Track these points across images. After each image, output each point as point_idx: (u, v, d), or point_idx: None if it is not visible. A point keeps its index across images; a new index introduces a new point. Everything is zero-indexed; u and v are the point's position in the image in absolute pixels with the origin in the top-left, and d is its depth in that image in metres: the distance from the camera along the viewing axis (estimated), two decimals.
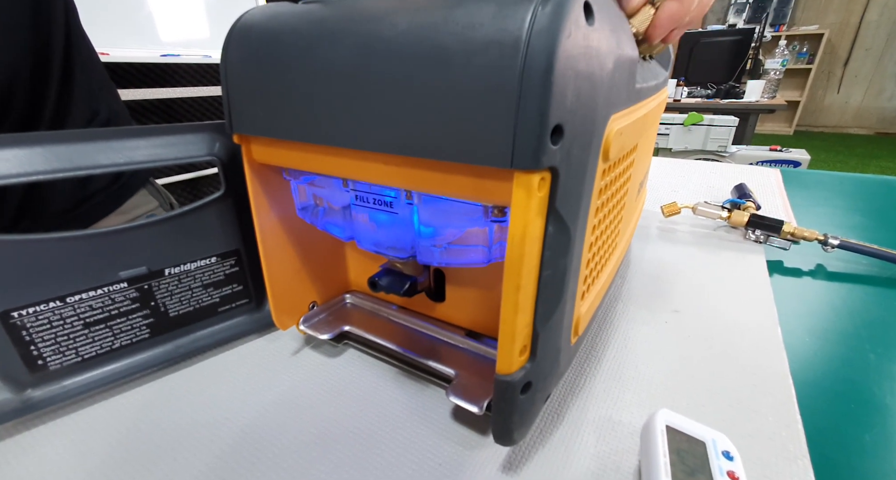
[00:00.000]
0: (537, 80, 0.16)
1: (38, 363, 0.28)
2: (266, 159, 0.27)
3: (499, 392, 0.22)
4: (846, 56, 4.15)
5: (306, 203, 0.31)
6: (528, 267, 0.19)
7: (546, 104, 0.16)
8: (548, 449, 0.25)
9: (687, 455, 0.21)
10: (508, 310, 0.20)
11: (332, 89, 0.21)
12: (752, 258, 0.47)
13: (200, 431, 0.27)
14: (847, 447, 0.26)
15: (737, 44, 2.66)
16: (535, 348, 0.22)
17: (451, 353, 0.31)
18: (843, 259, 0.48)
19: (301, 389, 0.30)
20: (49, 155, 0.26)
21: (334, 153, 0.23)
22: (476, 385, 0.28)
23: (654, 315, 0.38)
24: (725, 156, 2.18)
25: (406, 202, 0.26)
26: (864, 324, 0.37)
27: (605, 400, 0.29)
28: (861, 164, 3.26)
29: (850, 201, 0.66)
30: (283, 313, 0.33)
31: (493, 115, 0.17)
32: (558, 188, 0.18)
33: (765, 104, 2.46)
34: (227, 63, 0.25)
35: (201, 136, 0.31)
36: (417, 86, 0.19)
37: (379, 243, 0.29)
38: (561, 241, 0.20)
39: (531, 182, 0.17)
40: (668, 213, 0.54)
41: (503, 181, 0.19)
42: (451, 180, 0.20)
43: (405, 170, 0.21)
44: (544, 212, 0.19)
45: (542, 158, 0.17)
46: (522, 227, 0.18)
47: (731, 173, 0.76)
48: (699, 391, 0.29)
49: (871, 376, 0.32)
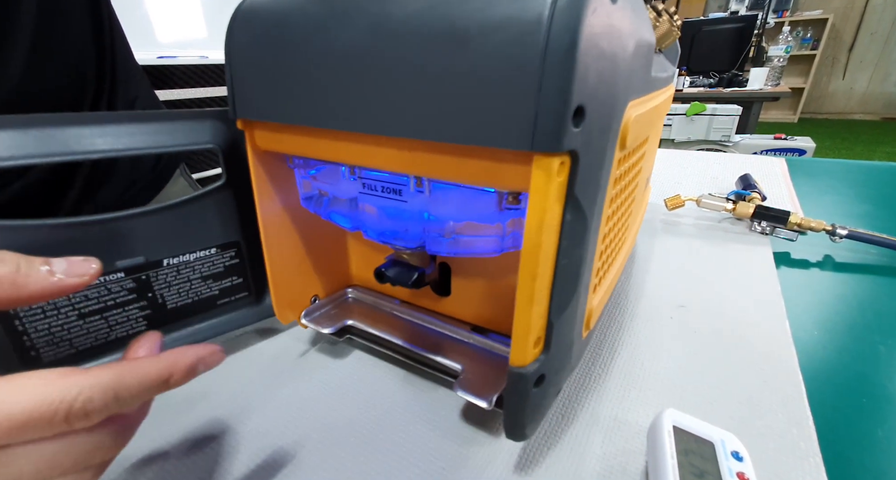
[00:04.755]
0: (561, 57, 0.15)
1: (30, 354, 0.27)
2: (270, 146, 0.26)
3: (512, 384, 0.21)
4: (851, 41, 4.10)
5: (311, 192, 0.30)
6: (545, 255, 0.18)
7: (569, 83, 0.16)
8: (552, 450, 0.25)
9: (695, 457, 0.20)
10: (524, 300, 0.19)
11: (343, 72, 0.20)
12: (759, 250, 0.47)
13: (198, 432, 0.27)
14: (859, 443, 0.26)
15: (739, 31, 2.62)
16: (550, 340, 0.21)
17: (458, 348, 0.31)
18: (851, 249, 0.47)
19: (303, 391, 0.30)
20: (43, 138, 0.25)
21: (343, 138, 0.23)
22: (484, 380, 0.27)
23: (659, 310, 0.37)
24: (729, 146, 2.16)
25: (416, 190, 0.25)
26: (875, 316, 0.37)
27: (611, 399, 0.28)
28: (867, 151, 3.23)
29: (857, 189, 0.65)
30: (285, 306, 0.32)
31: (512, 95, 0.17)
32: (578, 173, 0.18)
33: (768, 92, 2.43)
34: (232, 46, 0.24)
35: (202, 124, 0.30)
36: (432, 66, 0.18)
37: (386, 233, 0.28)
38: (578, 229, 0.19)
39: (551, 165, 0.17)
40: (671, 206, 0.54)
41: (521, 165, 0.18)
42: (466, 165, 0.20)
43: (418, 155, 0.21)
44: (563, 199, 0.18)
45: (564, 140, 0.16)
46: (540, 214, 0.17)
47: (736, 164, 0.75)
48: (706, 388, 0.29)
49: (881, 369, 0.31)
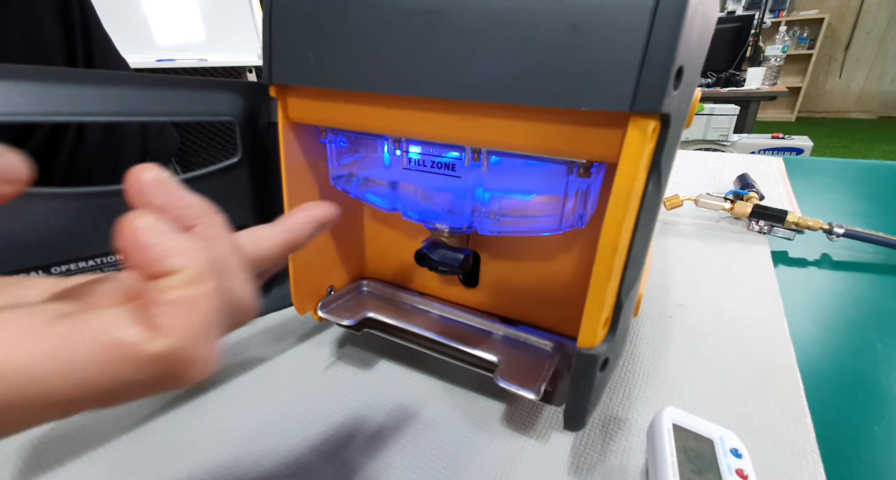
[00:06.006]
0: (672, 14, 0.15)
1: None
2: (307, 117, 0.24)
3: (580, 367, 0.20)
4: (847, 40, 4.11)
5: (342, 171, 0.28)
6: (627, 226, 0.18)
7: (676, 40, 0.15)
8: (552, 448, 0.25)
9: (694, 454, 0.20)
10: (601, 275, 0.18)
11: (410, 30, 0.19)
12: (757, 249, 0.47)
13: (219, 449, 0.27)
14: (856, 440, 0.26)
15: (736, 31, 2.63)
16: (617, 321, 0.20)
17: (490, 340, 0.29)
18: (848, 247, 0.47)
19: (303, 399, 0.30)
20: (48, 94, 0.22)
21: (396, 104, 0.21)
22: (524, 370, 0.26)
23: (657, 309, 0.37)
24: (727, 146, 2.16)
25: (473, 163, 0.23)
26: (872, 314, 0.37)
27: (611, 398, 0.29)
28: (864, 149, 3.23)
29: (854, 188, 0.66)
30: (304, 297, 0.30)
31: (616, 51, 0.16)
32: (666, 141, 0.17)
33: (766, 91, 2.43)
34: (274, 2, 0.22)
35: (220, 95, 0.28)
36: (524, 22, 0.17)
37: (431, 213, 0.26)
38: (654, 202, 0.19)
39: (647, 128, 0.16)
40: (669, 206, 0.54)
41: (611, 128, 0.17)
42: (544, 131, 0.18)
43: (486, 122, 0.19)
44: (649, 167, 0.17)
45: (665, 101, 0.16)
46: (630, 181, 0.17)
47: (733, 163, 0.75)
48: (705, 386, 0.29)
49: (879, 366, 0.31)
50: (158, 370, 0.08)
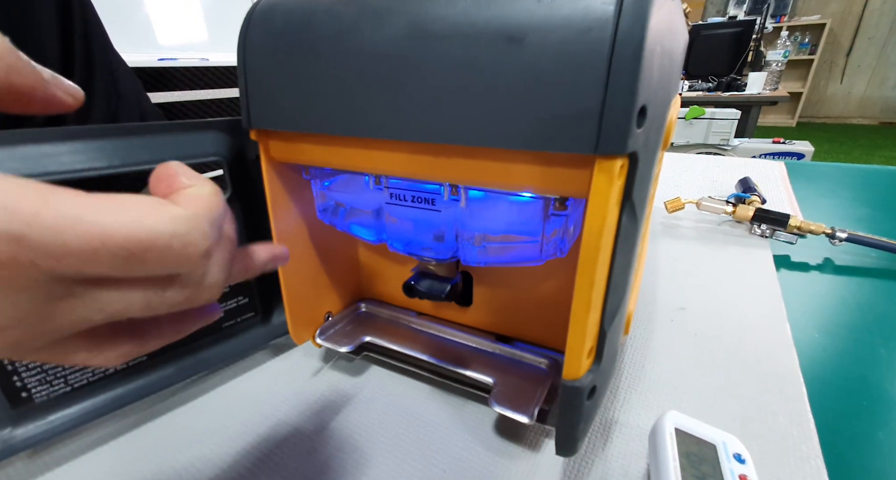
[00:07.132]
0: (630, 55, 0.15)
1: (21, 396, 0.24)
2: (288, 157, 0.25)
3: (566, 399, 0.20)
4: (849, 45, 4.11)
5: (328, 203, 0.29)
6: (603, 260, 0.18)
7: (636, 82, 0.15)
8: (553, 454, 0.25)
9: (697, 459, 0.20)
10: (581, 309, 0.18)
11: (376, 75, 0.19)
12: (759, 253, 0.47)
13: (218, 450, 0.27)
14: (860, 445, 0.26)
15: (738, 36, 2.63)
16: (601, 349, 0.20)
17: (485, 360, 0.29)
18: (851, 252, 0.47)
19: (300, 404, 0.30)
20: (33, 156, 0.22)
21: (372, 146, 0.21)
22: (518, 392, 0.26)
23: (659, 313, 0.37)
24: (728, 150, 2.16)
25: (451, 198, 0.24)
26: (874, 319, 0.37)
27: (612, 402, 0.28)
28: (865, 155, 3.23)
29: (856, 193, 0.65)
30: (300, 325, 0.31)
31: (576, 96, 0.16)
32: (636, 175, 0.17)
33: (767, 96, 2.44)
34: (247, 50, 0.22)
35: (205, 135, 0.28)
36: (483, 68, 0.17)
37: (416, 244, 0.27)
38: (631, 233, 0.19)
39: (613, 168, 0.16)
40: (671, 209, 0.54)
41: (578, 169, 0.17)
42: (515, 170, 0.19)
43: (457, 162, 0.20)
44: (620, 202, 0.18)
45: (629, 142, 0.16)
46: (601, 219, 0.17)
47: (735, 167, 0.75)
48: (708, 390, 0.29)
49: (882, 371, 0.31)
50: (175, 230, 0.11)
